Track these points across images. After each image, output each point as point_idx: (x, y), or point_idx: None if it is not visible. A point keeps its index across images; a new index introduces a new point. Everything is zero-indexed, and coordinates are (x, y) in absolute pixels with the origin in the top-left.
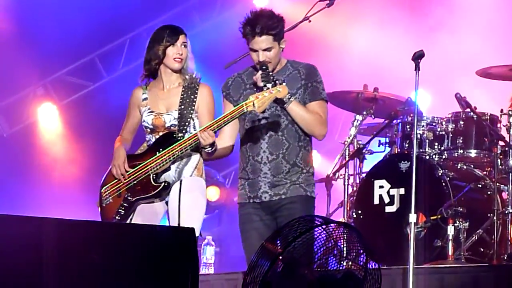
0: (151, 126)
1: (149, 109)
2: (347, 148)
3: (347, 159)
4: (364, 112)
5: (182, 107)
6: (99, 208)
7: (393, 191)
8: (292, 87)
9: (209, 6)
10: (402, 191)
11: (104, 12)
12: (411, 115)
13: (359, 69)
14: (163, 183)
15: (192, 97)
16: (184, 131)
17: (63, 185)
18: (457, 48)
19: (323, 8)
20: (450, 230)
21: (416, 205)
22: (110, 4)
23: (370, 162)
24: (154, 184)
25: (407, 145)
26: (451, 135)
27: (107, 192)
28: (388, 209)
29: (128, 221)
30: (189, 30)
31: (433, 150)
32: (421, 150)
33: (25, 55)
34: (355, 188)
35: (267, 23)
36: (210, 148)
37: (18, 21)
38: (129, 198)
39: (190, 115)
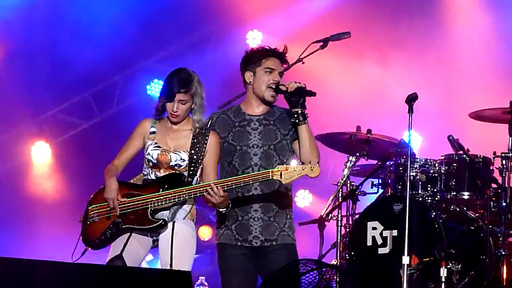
0: (155, 161)
1: (155, 143)
2: (340, 189)
3: (340, 200)
4: (358, 154)
5: (193, 151)
6: (82, 223)
7: (386, 233)
8: (285, 128)
9: (202, 46)
10: (395, 232)
11: (98, 51)
12: (404, 157)
13: (352, 110)
14: (161, 221)
15: (203, 142)
16: (193, 176)
17: (54, 224)
18: (450, 90)
19: (316, 50)
20: (443, 272)
21: (409, 247)
22: (104, 44)
23: (363, 204)
24: (151, 219)
25: (400, 187)
26: (444, 177)
27: (94, 211)
28: (381, 250)
29: (120, 246)
30: None
31: (426, 192)
32: (414, 192)
33: (20, 93)
34: (348, 230)
35: (283, 52)
36: (224, 209)
37: (12, 59)
38: (119, 223)
39: (200, 161)
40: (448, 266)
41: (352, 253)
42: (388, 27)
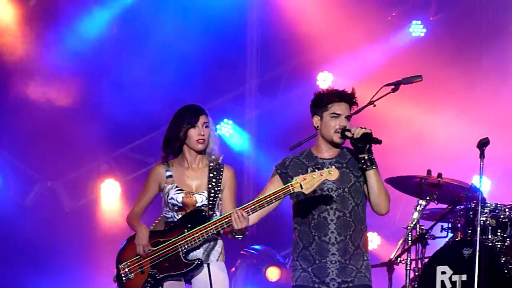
0: (181, 204)
1: (177, 187)
2: (410, 233)
3: (409, 243)
4: (428, 197)
5: (210, 186)
6: (118, 283)
7: (455, 277)
8: (357, 170)
9: (274, 87)
10: (464, 277)
11: (169, 90)
12: (475, 201)
13: (422, 154)
14: (196, 261)
15: (218, 177)
16: (213, 209)
17: None
18: None
19: (388, 93)
20: None
21: None
22: (175, 82)
23: (432, 248)
24: (186, 261)
25: (470, 232)
26: None
27: (126, 269)
28: None
29: None
30: (253, 110)
31: (496, 237)
32: (484, 237)
33: (90, 131)
34: (417, 273)
35: (352, 94)
36: (241, 236)
37: (84, 96)
38: (156, 275)
39: (218, 196)
40: None
41: None
42: (460, 71)
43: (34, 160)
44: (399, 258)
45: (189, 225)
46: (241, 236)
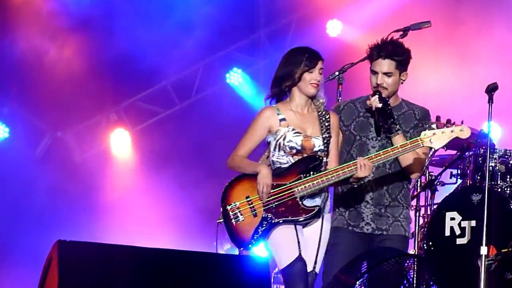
0: (299, 147)
1: (293, 129)
2: (419, 179)
3: (418, 190)
4: None
5: (323, 132)
6: (226, 225)
7: (465, 223)
8: (406, 126)
9: (282, 35)
10: (473, 223)
11: (176, 40)
12: (484, 147)
13: (431, 100)
14: (317, 208)
15: (327, 123)
16: (327, 158)
17: (134, 211)
18: None
19: (396, 39)
20: None
21: (487, 238)
22: (182, 32)
23: (441, 194)
24: (305, 207)
25: (479, 178)
26: None
27: (236, 211)
28: (459, 241)
29: (292, 244)
30: (261, 59)
31: (505, 183)
32: (493, 183)
33: (99, 82)
34: (426, 220)
35: (394, 49)
36: (356, 182)
37: (93, 47)
38: (270, 218)
39: (329, 142)
40: None
41: (430, 243)
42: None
43: (43, 111)
44: None
45: (307, 171)
46: (356, 183)
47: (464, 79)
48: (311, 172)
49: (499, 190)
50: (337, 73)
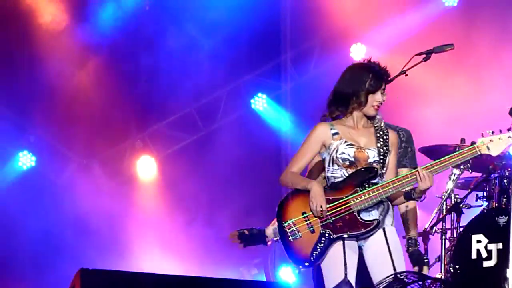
0: (352, 159)
1: (345, 141)
2: (445, 202)
3: (444, 213)
4: (462, 166)
5: (379, 145)
6: (284, 243)
7: (491, 246)
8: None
9: (305, 60)
10: (500, 245)
11: (203, 65)
12: (509, 169)
13: (456, 122)
14: (375, 221)
15: (385, 138)
16: (383, 168)
17: (158, 238)
18: None
19: (419, 62)
20: None
21: None
22: (207, 57)
23: (467, 217)
24: (363, 221)
25: (504, 200)
26: None
27: (293, 228)
28: (486, 264)
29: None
30: (286, 84)
31: None
32: None
33: (124, 107)
34: (452, 243)
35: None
36: (419, 196)
37: (118, 71)
38: (328, 234)
39: (387, 155)
40: None
41: (457, 266)
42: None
43: (68, 138)
44: (434, 228)
45: (363, 183)
46: (420, 198)
47: (477, 103)
48: (367, 184)
49: None
50: None
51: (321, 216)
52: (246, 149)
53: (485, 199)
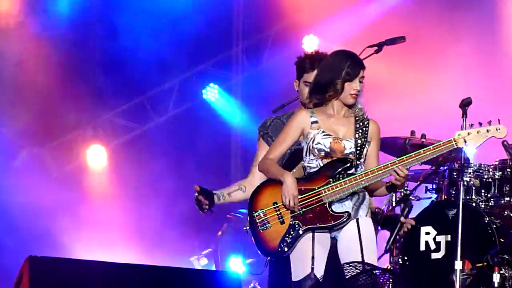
0: (328, 150)
1: (323, 131)
2: (394, 194)
3: (393, 205)
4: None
5: (357, 136)
6: (253, 232)
7: (440, 238)
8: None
9: (259, 51)
10: (448, 237)
11: (154, 55)
12: (458, 162)
13: (406, 114)
14: (346, 213)
15: (365, 129)
16: (359, 160)
17: (109, 226)
18: (507, 93)
19: (371, 54)
20: (496, 277)
21: (462, 252)
22: (159, 46)
23: (416, 209)
24: (334, 213)
25: (453, 192)
26: (498, 182)
27: (263, 218)
28: (434, 255)
29: (307, 258)
30: (238, 75)
31: (480, 197)
32: (467, 197)
33: (75, 97)
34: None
35: (321, 59)
36: (395, 191)
37: (70, 61)
38: (297, 226)
39: (364, 146)
40: (501, 272)
41: (405, 258)
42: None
43: (19, 127)
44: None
45: (336, 174)
46: (395, 191)
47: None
48: (341, 176)
49: (474, 204)
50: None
51: (293, 209)
52: (197, 140)
53: (434, 191)
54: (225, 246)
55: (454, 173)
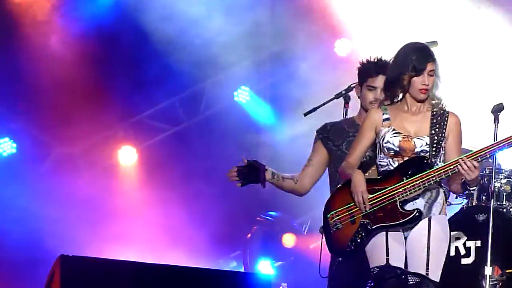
0: (397, 149)
1: (393, 129)
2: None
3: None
4: None
5: (433, 132)
6: (326, 234)
7: (470, 243)
8: None
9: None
10: (478, 243)
11: (186, 57)
12: (490, 167)
13: None
14: (415, 211)
15: (442, 124)
16: (436, 157)
17: (138, 227)
18: None
19: None
20: None
21: (492, 258)
22: (192, 49)
23: (447, 214)
24: (404, 211)
25: (484, 198)
26: None
27: (335, 218)
28: (464, 261)
29: (381, 253)
30: (269, 77)
31: (511, 203)
32: (498, 203)
33: (106, 98)
34: None
35: (386, 64)
36: (473, 184)
37: (101, 62)
38: (367, 225)
39: (441, 143)
40: None
41: None
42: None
43: (50, 127)
44: None
45: (409, 172)
46: (471, 187)
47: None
48: (415, 174)
49: (504, 210)
50: (343, 91)
51: (363, 206)
52: (228, 142)
53: (464, 197)
54: (254, 249)
55: (485, 179)
